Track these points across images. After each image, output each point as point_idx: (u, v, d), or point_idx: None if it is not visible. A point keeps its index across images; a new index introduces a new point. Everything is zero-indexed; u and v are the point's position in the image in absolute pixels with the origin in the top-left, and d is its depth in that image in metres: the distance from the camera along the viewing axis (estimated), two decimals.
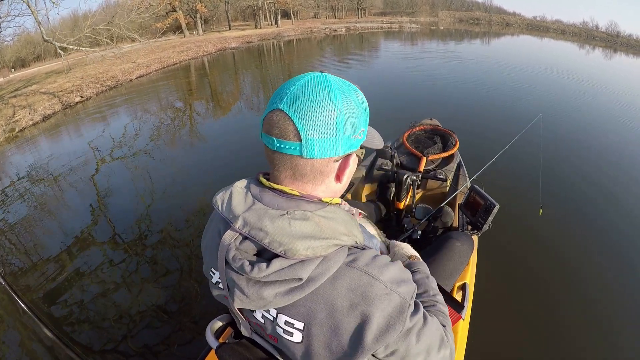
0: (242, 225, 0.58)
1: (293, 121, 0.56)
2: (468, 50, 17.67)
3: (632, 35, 32.67)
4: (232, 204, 0.61)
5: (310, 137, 0.56)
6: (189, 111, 8.11)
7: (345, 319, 0.55)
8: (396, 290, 0.57)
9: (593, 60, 17.40)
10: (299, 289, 0.55)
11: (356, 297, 0.55)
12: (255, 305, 0.58)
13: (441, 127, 2.96)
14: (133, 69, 12.89)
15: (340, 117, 0.57)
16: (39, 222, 3.88)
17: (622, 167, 4.30)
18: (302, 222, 0.56)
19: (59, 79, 12.55)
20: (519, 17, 45.69)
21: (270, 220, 0.56)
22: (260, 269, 0.55)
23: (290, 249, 0.54)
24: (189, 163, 5.06)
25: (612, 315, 2.27)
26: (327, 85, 0.58)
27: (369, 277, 0.56)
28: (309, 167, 0.60)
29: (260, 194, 0.61)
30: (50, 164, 5.46)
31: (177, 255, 3.09)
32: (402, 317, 0.57)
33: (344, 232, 0.58)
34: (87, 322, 2.48)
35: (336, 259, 0.56)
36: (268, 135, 0.59)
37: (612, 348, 2.08)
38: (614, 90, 8.92)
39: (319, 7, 42.72)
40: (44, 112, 8.49)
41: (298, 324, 0.58)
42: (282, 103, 0.57)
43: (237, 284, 0.58)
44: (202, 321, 2.38)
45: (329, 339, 0.57)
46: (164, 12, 28.00)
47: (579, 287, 2.48)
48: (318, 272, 0.55)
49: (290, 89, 0.58)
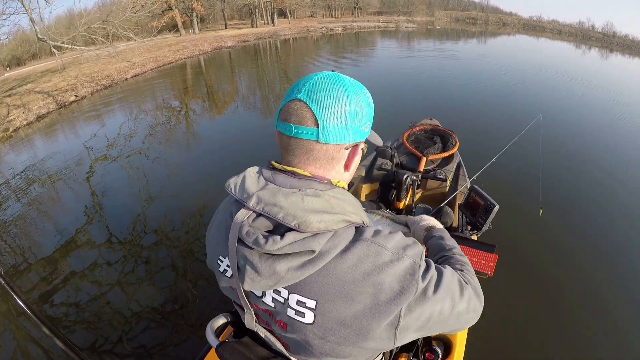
0: (256, 203, 0.60)
1: (311, 109, 0.61)
2: (466, 49, 17.74)
3: (628, 35, 32.88)
4: (245, 185, 0.64)
5: (326, 124, 0.61)
6: (185, 110, 8.07)
7: (357, 289, 0.57)
8: (404, 254, 0.60)
9: (590, 60, 17.54)
10: (311, 262, 0.57)
11: (366, 266, 0.58)
12: (266, 283, 0.59)
13: (441, 127, 2.95)
14: (128, 68, 12.80)
15: (352, 109, 0.63)
16: (34, 222, 3.84)
17: (622, 166, 4.32)
18: (314, 198, 0.60)
19: (54, 78, 12.46)
20: (516, 17, 45.88)
21: (284, 196, 0.59)
22: (275, 241, 0.56)
23: (304, 221, 0.56)
24: (185, 163, 5.03)
25: (613, 315, 2.27)
26: (342, 81, 0.64)
27: (376, 246, 0.59)
28: (323, 152, 0.64)
29: (273, 176, 0.64)
30: (45, 164, 5.41)
31: (173, 255, 3.07)
32: (414, 278, 0.59)
33: (351, 210, 0.62)
34: (82, 322, 2.46)
35: (345, 235, 0.59)
36: (286, 122, 0.63)
37: (613, 348, 2.08)
38: (613, 91, 8.99)
39: (315, 6, 42.68)
40: (38, 112, 8.42)
41: (310, 302, 0.59)
42: (301, 94, 0.62)
43: (250, 261, 0.59)
44: (198, 322, 2.37)
45: (342, 313, 0.58)
46: (160, 10, 27.84)
47: (580, 286, 2.48)
48: (329, 246, 0.57)
49: (308, 83, 0.63)
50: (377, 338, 0.59)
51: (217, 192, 3.89)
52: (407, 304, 0.58)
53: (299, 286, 0.60)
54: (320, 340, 0.60)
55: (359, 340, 0.59)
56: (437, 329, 0.64)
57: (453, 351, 1.25)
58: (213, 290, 2.55)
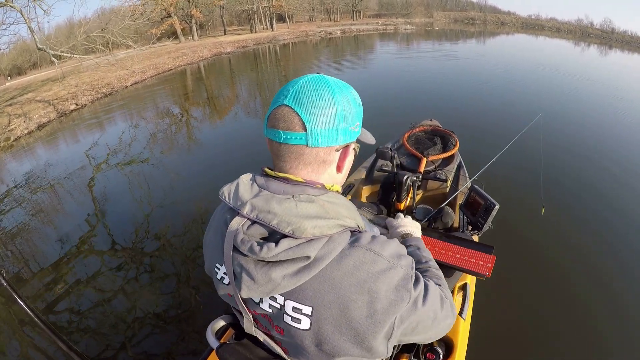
0: (250, 210, 0.60)
1: (298, 114, 0.61)
2: (465, 49, 17.75)
3: (627, 31, 32.85)
4: (239, 192, 0.64)
5: (314, 127, 0.61)
6: (186, 117, 8.09)
7: (353, 297, 0.57)
8: (398, 263, 0.61)
9: (590, 57, 17.49)
10: (306, 269, 0.57)
11: (362, 274, 0.58)
12: (262, 290, 0.59)
13: (441, 127, 2.95)
14: (128, 76, 12.85)
15: (340, 110, 0.63)
16: (37, 230, 3.85)
17: (623, 165, 4.29)
18: (308, 204, 0.59)
19: (54, 86, 12.51)
20: (514, 16, 45.93)
21: (278, 203, 0.59)
22: (270, 249, 0.56)
23: (299, 227, 0.56)
24: (186, 169, 5.03)
25: (615, 315, 2.25)
26: (327, 83, 0.64)
27: (372, 254, 0.59)
28: (314, 156, 0.64)
29: (266, 183, 0.64)
30: (47, 172, 5.42)
31: (175, 261, 3.06)
32: (407, 288, 0.60)
33: (346, 215, 0.62)
34: (86, 329, 2.46)
35: (340, 240, 0.59)
36: (274, 129, 0.63)
37: (614, 347, 2.06)
38: (613, 88, 8.94)
39: (314, 10, 42.80)
40: (39, 121, 8.46)
41: (306, 308, 0.59)
42: (287, 99, 0.62)
43: (245, 268, 0.59)
44: (202, 328, 2.34)
45: (339, 320, 0.58)
46: (159, 17, 28.01)
47: (581, 286, 2.46)
48: (324, 252, 0.57)
49: (293, 88, 0.63)
50: (372, 347, 0.59)
51: (218, 197, 3.90)
52: (400, 313, 0.59)
53: (294, 293, 0.60)
54: (316, 346, 0.61)
55: (355, 347, 0.59)
56: (417, 338, 0.66)
57: (454, 351, 1.24)
58: (216, 296, 2.51)
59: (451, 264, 1.22)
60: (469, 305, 1.47)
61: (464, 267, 1.21)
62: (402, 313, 0.59)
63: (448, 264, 1.22)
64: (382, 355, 0.62)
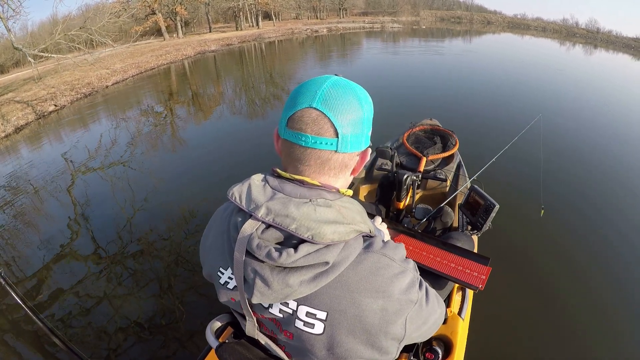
0: (265, 214, 0.58)
1: (330, 119, 0.58)
2: (452, 47, 17.93)
3: (612, 31, 33.61)
4: (252, 194, 0.61)
5: (345, 133, 0.60)
6: (170, 117, 7.92)
7: (368, 300, 0.57)
8: (407, 267, 0.63)
9: (585, 58, 17.86)
10: (324, 274, 0.56)
11: (378, 278, 0.58)
12: (277, 296, 0.58)
13: (441, 127, 2.96)
14: (109, 75, 12.52)
15: (365, 115, 0.63)
16: (16, 235, 3.72)
17: (622, 165, 4.34)
18: (326, 209, 0.58)
19: (34, 86, 12.08)
20: (500, 16, 46.73)
21: (296, 207, 0.57)
22: (289, 254, 0.55)
23: (318, 233, 0.55)
24: (169, 171, 4.90)
25: (615, 315, 2.26)
26: (352, 87, 0.62)
27: (387, 259, 0.60)
28: (339, 161, 0.63)
29: (281, 185, 0.62)
30: (25, 176, 5.22)
31: (159, 265, 3.00)
32: (414, 290, 0.62)
33: (360, 220, 0.61)
34: (72, 337, 2.40)
35: (355, 245, 0.59)
36: (301, 132, 0.60)
37: (615, 347, 2.07)
38: (612, 88, 9.18)
39: (300, 8, 42.72)
40: (17, 123, 8.10)
41: (320, 313, 0.59)
42: (315, 102, 0.59)
43: (260, 274, 0.57)
44: (190, 331, 2.32)
45: (353, 323, 0.58)
46: (144, 14, 27.50)
47: (581, 287, 2.47)
48: (342, 257, 0.57)
49: (320, 89, 0.59)
50: (382, 347, 0.60)
51: (203, 198, 3.84)
52: (409, 314, 0.61)
53: (309, 298, 0.59)
54: (328, 350, 0.60)
55: (367, 349, 0.60)
56: (418, 335, 0.67)
57: (453, 351, 1.23)
58: (203, 301, 2.52)
59: (445, 274, 1.20)
60: (468, 306, 1.48)
61: (458, 277, 1.19)
62: (411, 313, 0.61)
63: (442, 274, 1.20)
64: (392, 355, 0.63)
